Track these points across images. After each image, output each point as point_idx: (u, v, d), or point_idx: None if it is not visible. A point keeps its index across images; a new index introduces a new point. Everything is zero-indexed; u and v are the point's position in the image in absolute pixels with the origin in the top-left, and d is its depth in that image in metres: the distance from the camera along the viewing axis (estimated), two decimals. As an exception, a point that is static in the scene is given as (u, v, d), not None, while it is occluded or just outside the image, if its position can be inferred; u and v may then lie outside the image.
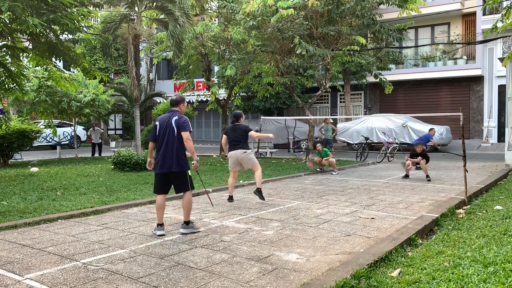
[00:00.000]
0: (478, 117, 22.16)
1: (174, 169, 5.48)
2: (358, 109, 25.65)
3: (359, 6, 13.05)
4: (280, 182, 10.86)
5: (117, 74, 29.52)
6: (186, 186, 5.60)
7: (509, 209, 6.70)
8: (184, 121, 5.57)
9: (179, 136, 5.52)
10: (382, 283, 3.80)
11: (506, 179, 10.81)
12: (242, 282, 3.91)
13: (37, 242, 5.26)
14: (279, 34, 13.58)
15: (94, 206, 7.26)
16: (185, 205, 5.68)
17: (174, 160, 5.47)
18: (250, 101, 24.37)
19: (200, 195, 8.72)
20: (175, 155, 5.48)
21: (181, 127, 5.52)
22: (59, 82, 12.13)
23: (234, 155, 7.83)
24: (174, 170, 5.49)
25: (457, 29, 22.83)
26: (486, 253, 4.41)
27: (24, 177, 11.00)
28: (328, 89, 17.83)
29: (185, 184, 5.59)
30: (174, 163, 5.47)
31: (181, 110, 5.76)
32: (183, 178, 5.58)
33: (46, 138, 22.70)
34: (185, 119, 5.62)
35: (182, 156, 5.53)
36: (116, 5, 16.22)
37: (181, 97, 5.85)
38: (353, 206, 7.47)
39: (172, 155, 5.48)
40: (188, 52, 15.84)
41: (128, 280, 3.97)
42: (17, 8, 8.37)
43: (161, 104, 17.36)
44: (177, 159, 5.48)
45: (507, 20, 8.34)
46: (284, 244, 5.14)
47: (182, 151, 5.55)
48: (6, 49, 10.79)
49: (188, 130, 5.54)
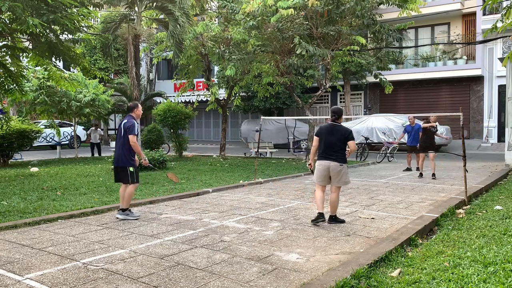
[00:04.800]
0: (478, 117, 22.16)
1: (118, 164, 6.58)
2: (358, 109, 25.65)
3: (359, 6, 13.05)
4: (280, 182, 10.86)
5: (117, 74, 29.51)
6: (126, 179, 6.54)
7: (509, 209, 6.70)
8: (129, 126, 6.48)
9: (125, 137, 6.49)
10: (382, 283, 3.80)
11: (506, 179, 10.81)
12: (242, 282, 3.91)
13: (37, 242, 5.26)
14: (279, 34, 13.57)
15: (94, 206, 7.26)
16: (125, 195, 6.56)
17: (119, 157, 6.55)
18: (250, 101, 24.36)
19: (200, 195, 8.73)
20: (120, 152, 6.54)
21: (128, 130, 6.46)
22: (59, 82, 12.12)
23: (327, 166, 6.05)
24: (118, 165, 6.59)
25: (457, 29, 22.83)
26: (486, 253, 4.41)
27: (24, 177, 11.00)
28: (328, 89, 17.82)
29: (125, 177, 6.54)
30: (118, 159, 6.56)
31: (136, 115, 6.73)
32: (124, 172, 6.55)
33: (46, 138, 22.70)
34: (132, 124, 6.51)
35: (125, 153, 6.50)
36: (116, 5, 16.21)
37: (135, 104, 6.85)
38: (353, 206, 7.47)
39: (118, 152, 6.56)
40: (188, 52, 15.83)
41: (128, 280, 3.97)
42: (17, 8, 8.37)
43: (161, 104, 17.31)
44: (119, 156, 6.54)
45: (507, 20, 8.34)
46: (284, 244, 5.14)
47: (126, 150, 6.50)
48: (6, 49, 10.79)
49: (133, 134, 6.45)
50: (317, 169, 6.17)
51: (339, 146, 6.04)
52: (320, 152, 6.16)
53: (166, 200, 8.11)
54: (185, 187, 9.40)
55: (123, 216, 6.52)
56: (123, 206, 6.57)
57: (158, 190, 8.99)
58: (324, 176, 6.11)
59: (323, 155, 6.11)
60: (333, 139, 6.04)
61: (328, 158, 6.05)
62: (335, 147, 6.03)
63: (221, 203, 7.83)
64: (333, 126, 6.12)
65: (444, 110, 21.65)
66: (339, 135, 6.05)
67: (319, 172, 6.14)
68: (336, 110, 6.21)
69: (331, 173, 6.06)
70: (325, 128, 6.15)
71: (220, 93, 20.55)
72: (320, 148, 6.16)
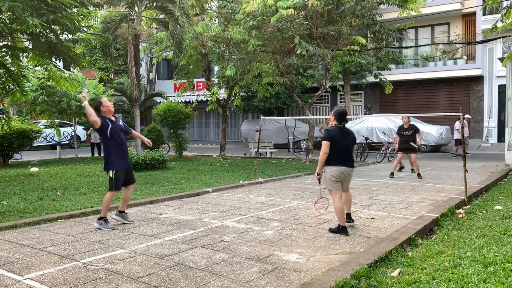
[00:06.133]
0: (478, 117, 22.17)
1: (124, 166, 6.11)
2: (358, 109, 25.65)
3: (359, 6, 13.05)
4: (280, 182, 10.87)
5: (117, 74, 29.51)
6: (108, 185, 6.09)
7: (509, 209, 6.70)
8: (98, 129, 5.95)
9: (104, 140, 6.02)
10: (382, 283, 3.80)
11: (506, 179, 10.81)
12: (242, 282, 3.91)
13: (37, 242, 5.26)
14: (279, 34, 13.57)
15: (94, 206, 7.25)
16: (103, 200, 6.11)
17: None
18: (250, 101, 24.37)
19: (200, 195, 8.73)
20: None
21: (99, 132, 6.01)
22: (59, 82, 12.13)
23: (346, 173, 5.70)
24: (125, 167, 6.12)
25: (457, 29, 22.82)
26: (486, 253, 4.41)
27: (24, 177, 11.00)
28: (328, 89, 17.83)
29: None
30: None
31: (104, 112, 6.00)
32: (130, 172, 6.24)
33: (46, 138, 22.70)
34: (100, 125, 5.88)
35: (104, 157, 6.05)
36: (116, 5, 16.21)
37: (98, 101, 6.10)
38: (353, 206, 7.45)
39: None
40: (188, 52, 15.83)
41: (128, 280, 3.97)
42: (17, 8, 8.37)
43: (161, 104, 17.31)
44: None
45: (507, 20, 8.34)
46: (284, 244, 5.14)
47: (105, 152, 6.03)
48: (6, 49, 10.79)
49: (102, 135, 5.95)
50: (336, 176, 5.61)
51: (351, 150, 5.82)
52: (337, 157, 5.61)
53: (166, 200, 8.11)
54: (185, 187, 9.40)
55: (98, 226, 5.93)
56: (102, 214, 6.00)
57: (158, 190, 8.99)
58: (342, 182, 5.73)
59: (341, 161, 5.63)
60: (347, 143, 5.70)
61: (347, 165, 5.66)
62: (350, 151, 5.76)
63: (221, 203, 7.83)
64: (344, 130, 5.74)
65: (444, 110, 21.66)
66: (351, 138, 5.78)
67: (338, 179, 5.64)
68: (343, 112, 5.78)
69: (348, 178, 5.80)
70: (338, 132, 5.65)
71: (220, 93, 20.52)
72: (335, 153, 5.60)
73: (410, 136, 11.32)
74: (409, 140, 11.30)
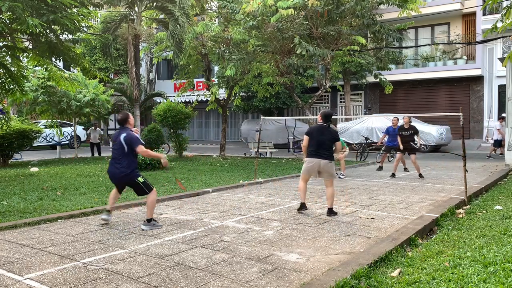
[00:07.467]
0: (478, 117, 22.17)
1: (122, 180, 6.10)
2: (358, 109, 25.65)
3: (359, 6, 13.05)
4: (280, 182, 10.86)
5: (117, 74, 29.50)
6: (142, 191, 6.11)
7: (509, 209, 6.70)
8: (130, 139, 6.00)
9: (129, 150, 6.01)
10: (382, 283, 3.80)
11: (506, 179, 10.81)
12: (242, 282, 3.91)
13: (37, 242, 5.26)
14: (279, 34, 13.57)
15: (94, 206, 7.25)
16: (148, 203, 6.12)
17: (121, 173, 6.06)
18: (250, 101, 24.37)
19: (200, 195, 8.73)
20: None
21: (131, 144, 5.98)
22: (59, 82, 12.13)
23: (317, 164, 6.65)
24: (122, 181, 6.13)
25: (457, 29, 22.82)
26: (486, 253, 4.41)
27: (24, 177, 11.00)
28: (328, 89, 17.82)
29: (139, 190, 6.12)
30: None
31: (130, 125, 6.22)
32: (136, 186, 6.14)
33: (46, 138, 22.70)
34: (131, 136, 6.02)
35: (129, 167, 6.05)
36: (116, 5, 16.23)
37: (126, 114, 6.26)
38: (353, 206, 7.47)
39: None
40: (188, 52, 15.83)
41: (128, 280, 3.97)
42: (17, 8, 8.37)
43: (161, 104, 17.31)
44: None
45: (507, 20, 8.33)
46: (284, 244, 5.14)
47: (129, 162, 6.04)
48: (6, 49, 10.79)
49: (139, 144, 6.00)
50: (307, 165, 6.75)
51: (327, 145, 6.68)
52: (313, 150, 6.70)
53: (166, 200, 8.11)
54: (185, 187, 9.39)
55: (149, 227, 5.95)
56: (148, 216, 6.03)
57: (158, 190, 8.96)
58: (312, 171, 6.76)
59: (316, 153, 6.67)
60: (324, 139, 6.66)
61: (321, 157, 6.64)
62: (326, 146, 6.67)
63: (221, 203, 7.83)
64: (326, 128, 6.73)
65: (444, 110, 21.66)
66: (329, 136, 6.71)
67: (308, 167, 6.74)
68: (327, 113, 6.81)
69: (321, 169, 6.67)
70: (317, 129, 6.74)
71: (220, 93, 20.54)
72: (311, 146, 6.71)
73: (409, 136, 11.40)
74: (407, 140, 11.37)
